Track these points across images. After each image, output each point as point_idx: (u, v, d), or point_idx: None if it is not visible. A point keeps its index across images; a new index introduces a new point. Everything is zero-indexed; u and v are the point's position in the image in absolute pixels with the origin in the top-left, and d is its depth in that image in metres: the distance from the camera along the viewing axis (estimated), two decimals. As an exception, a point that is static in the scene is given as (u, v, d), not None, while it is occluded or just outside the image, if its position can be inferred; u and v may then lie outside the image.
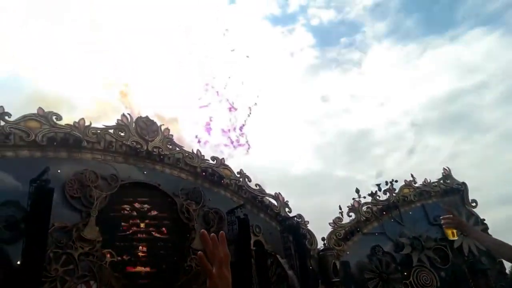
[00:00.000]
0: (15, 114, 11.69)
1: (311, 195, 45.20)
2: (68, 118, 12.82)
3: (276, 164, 51.39)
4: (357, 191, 19.19)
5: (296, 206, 18.25)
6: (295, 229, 16.66)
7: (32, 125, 11.86)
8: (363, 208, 19.11)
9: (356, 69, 56.80)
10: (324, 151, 52.84)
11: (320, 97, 55.18)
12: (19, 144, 11.46)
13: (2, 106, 11.57)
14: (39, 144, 11.70)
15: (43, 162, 11.58)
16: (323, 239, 17.39)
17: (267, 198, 16.81)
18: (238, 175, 16.18)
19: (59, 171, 11.81)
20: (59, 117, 12.38)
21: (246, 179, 16.31)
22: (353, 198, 19.10)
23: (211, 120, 29.48)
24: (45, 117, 12.09)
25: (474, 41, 52.08)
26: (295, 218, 17.32)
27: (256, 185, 16.56)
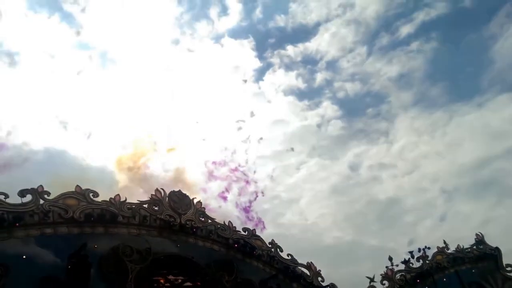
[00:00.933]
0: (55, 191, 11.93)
1: (343, 264, 43.45)
2: (105, 194, 13.01)
3: (307, 234, 50.13)
4: (390, 259, 18.70)
5: (328, 276, 17.69)
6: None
7: (70, 202, 12.05)
8: (396, 276, 18.51)
9: (384, 138, 57.61)
10: (354, 219, 51.76)
11: (349, 167, 55.27)
12: (57, 221, 11.57)
13: (41, 185, 11.86)
14: (76, 221, 11.81)
15: (80, 238, 11.66)
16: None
17: (300, 268, 16.37)
18: (270, 246, 15.93)
19: (95, 246, 11.77)
20: (95, 194, 12.61)
21: (278, 249, 16.04)
22: (386, 266, 18.59)
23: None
24: (82, 195, 12.33)
25: (501, 106, 52.99)
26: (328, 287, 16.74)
27: (288, 255, 16.25)
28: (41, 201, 11.56)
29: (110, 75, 52.59)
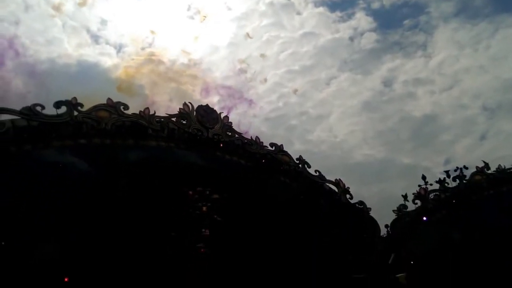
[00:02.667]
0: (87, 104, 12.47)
1: (373, 183, 43.67)
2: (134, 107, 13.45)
3: (336, 151, 50.14)
4: (424, 177, 18.22)
5: (357, 193, 17.87)
6: (357, 216, 16.37)
7: (102, 114, 12.56)
8: (430, 196, 18.21)
9: (421, 52, 53.23)
10: (386, 137, 50.45)
11: (382, 82, 52.48)
12: (91, 132, 12.23)
13: (75, 97, 12.39)
14: (108, 132, 12.40)
15: (112, 149, 12.40)
16: (386, 226, 16.86)
17: (327, 184, 16.60)
18: (297, 161, 16.10)
19: (127, 157, 12.52)
20: (126, 107, 13.02)
21: (306, 165, 16.19)
22: (419, 185, 18.27)
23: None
24: (113, 107, 12.78)
25: (552, 17, 46.93)
26: (357, 205, 16.98)
27: (315, 171, 16.39)
28: (75, 113, 12.16)
29: None
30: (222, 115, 14.93)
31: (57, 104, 11.88)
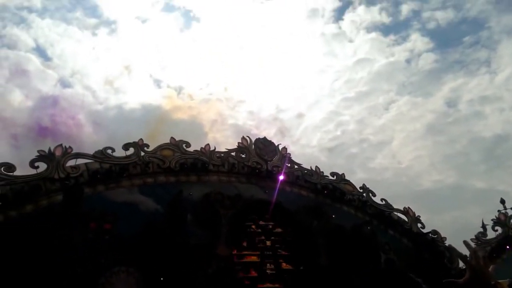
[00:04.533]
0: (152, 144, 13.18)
1: (444, 210, 40.89)
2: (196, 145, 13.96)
3: (401, 178, 47.87)
4: (502, 201, 16.85)
5: (429, 222, 16.86)
6: (431, 246, 15.28)
7: (166, 153, 13.21)
8: (511, 221, 16.70)
9: (485, 69, 50.20)
10: (456, 161, 47.30)
11: (445, 103, 49.88)
12: (156, 171, 12.86)
13: (141, 139, 13.18)
14: (173, 170, 12.96)
15: (177, 186, 12.86)
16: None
17: (396, 213, 15.81)
18: (361, 190, 15.60)
19: (190, 193, 12.90)
20: (188, 145, 13.58)
21: (370, 194, 15.62)
22: (499, 211, 16.85)
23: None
24: (176, 145, 13.38)
25: None
26: (430, 234, 15.94)
27: (381, 199, 15.75)
28: (142, 153, 12.90)
29: (194, 32, 54.68)
30: (280, 147, 15.01)
31: (126, 146, 12.70)
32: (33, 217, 10.65)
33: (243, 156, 14.20)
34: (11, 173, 10.65)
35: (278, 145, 15.02)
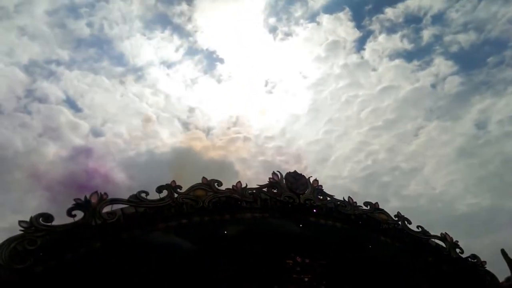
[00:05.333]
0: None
1: (482, 233, 39.75)
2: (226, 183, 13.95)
3: (436, 204, 46.97)
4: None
5: (467, 247, 16.32)
6: (471, 271, 14.82)
7: (199, 193, 13.16)
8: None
9: None
10: (490, 183, 46.29)
11: (475, 125, 49.51)
12: (190, 211, 12.80)
13: (174, 180, 13.21)
14: (206, 210, 12.89)
15: (211, 225, 12.78)
16: (508, 279, 14.99)
17: (433, 240, 15.40)
18: (396, 219, 15.28)
19: (225, 232, 12.81)
20: (219, 183, 13.57)
21: (406, 222, 15.28)
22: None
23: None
24: (208, 185, 13.38)
25: None
26: (469, 259, 15.46)
27: (418, 227, 15.38)
28: (175, 195, 12.90)
29: (219, 72, 56.44)
30: (311, 179, 14.90)
31: (159, 189, 12.72)
32: (73, 265, 10.64)
33: (275, 191, 14.11)
34: (49, 223, 10.71)
35: (309, 177, 14.92)
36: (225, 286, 12.36)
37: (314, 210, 14.10)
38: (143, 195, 12.36)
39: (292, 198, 14.12)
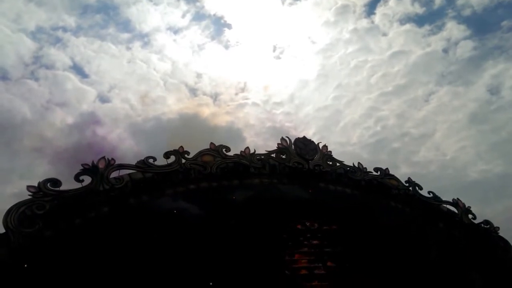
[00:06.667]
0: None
1: (496, 200, 39.54)
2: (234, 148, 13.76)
3: (447, 170, 46.51)
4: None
5: (479, 213, 16.12)
6: (484, 237, 14.67)
7: (207, 159, 13.04)
8: None
9: None
10: (503, 149, 45.45)
11: (488, 91, 48.24)
12: (198, 177, 12.72)
13: (181, 146, 13.04)
14: (214, 175, 12.78)
15: (219, 191, 12.71)
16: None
17: (444, 205, 15.18)
18: (407, 184, 15.03)
19: (234, 197, 12.72)
20: (228, 149, 13.40)
21: (417, 187, 15.03)
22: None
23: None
24: (216, 151, 13.21)
25: None
26: (482, 225, 15.27)
27: (429, 192, 15.14)
28: (183, 161, 12.76)
29: (227, 38, 55.82)
30: (321, 145, 14.64)
31: (167, 154, 12.59)
32: (82, 230, 10.68)
33: (284, 157, 13.92)
34: (57, 188, 10.69)
35: (319, 143, 14.67)
36: (233, 251, 12.33)
37: (323, 175, 13.88)
38: (151, 160, 12.24)
39: (301, 164, 13.93)
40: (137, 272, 11.23)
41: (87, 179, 11.20)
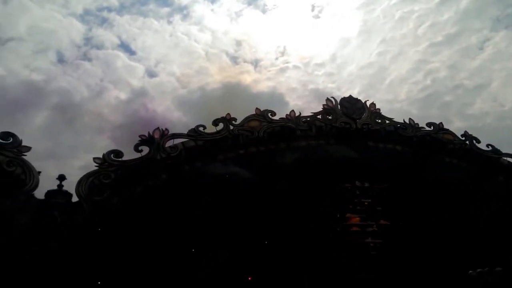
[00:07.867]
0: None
1: None
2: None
3: (505, 121, 43.26)
4: None
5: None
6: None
7: (254, 124, 13.39)
8: None
9: None
10: None
11: None
12: (247, 142, 13.17)
13: (228, 113, 13.49)
14: (261, 140, 13.16)
15: (267, 155, 13.10)
16: None
17: (505, 158, 14.39)
18: (463, 138, 14.38)
19: (281, 160, 13.06)
20: (273, 113, 13.64)
21: (474, 141, 14.35)
22: None
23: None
24: (262, 115, 13.51)
25: None
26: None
27: (487, 145, 14.39)
28: (231, 127, 13.25)
29: (263, 2, 56.33)
30: (368, 103, 14.36)
31: (215, 122, 13.11)
32: (143, 197, 11.69)
33: (330, 117, 13.89)
34: (120, 159, 11.68)
35: (366, 101, 14.40)
36: (284, 211, 12.84)
37: (372, 134, 13.68)
38: (201, 129, 12.87)
39: (348, 124, 13.84)
40: (195, 233, 12.20)
41: (145, 150, 12.11)
